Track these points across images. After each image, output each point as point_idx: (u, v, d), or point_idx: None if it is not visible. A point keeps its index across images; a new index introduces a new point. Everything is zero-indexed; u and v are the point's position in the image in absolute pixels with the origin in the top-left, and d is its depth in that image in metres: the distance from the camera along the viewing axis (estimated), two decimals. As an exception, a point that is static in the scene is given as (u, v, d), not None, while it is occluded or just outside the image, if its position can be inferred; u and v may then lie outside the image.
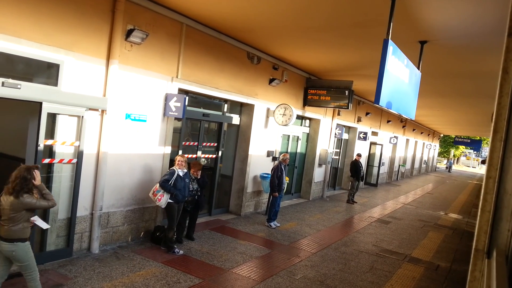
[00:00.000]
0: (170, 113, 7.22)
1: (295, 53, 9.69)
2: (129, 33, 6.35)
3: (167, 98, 7.26)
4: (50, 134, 5.55)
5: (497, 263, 1.10)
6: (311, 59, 10.27)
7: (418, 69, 7.34)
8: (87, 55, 5.86)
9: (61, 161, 5.68)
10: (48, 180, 5.60)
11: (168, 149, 7.51)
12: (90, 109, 5.91)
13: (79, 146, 5.84)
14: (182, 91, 7.77)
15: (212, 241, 7.72)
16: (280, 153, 11.05)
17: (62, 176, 5.77)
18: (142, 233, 7.27)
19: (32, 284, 4.19)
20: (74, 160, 5.84)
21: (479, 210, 1.21)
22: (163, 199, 6.64)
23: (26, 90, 4.97)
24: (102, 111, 6.17)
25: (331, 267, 7.25)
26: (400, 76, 6.22)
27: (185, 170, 6.90)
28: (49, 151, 5.60)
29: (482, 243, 1.18)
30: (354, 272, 7.17)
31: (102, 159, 6.23)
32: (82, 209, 6.15)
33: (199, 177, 7.44)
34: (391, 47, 5.57)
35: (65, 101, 5.48)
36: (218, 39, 8.25)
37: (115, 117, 6.39)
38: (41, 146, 5.30)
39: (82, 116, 5.79)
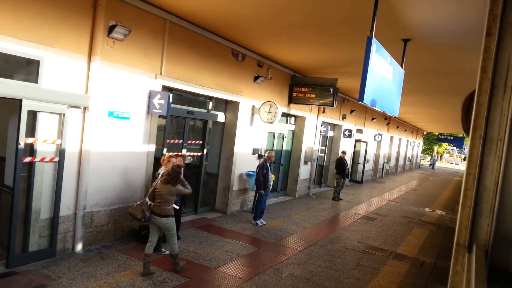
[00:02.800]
0: (154, 110, 7.13)
1: (279, 50, 9.67)
2: (111, 29, 6.24)
3: (150, 95, 7.16)
4: (31, 132, 5.42)
5: (477, 257, 1.15)
6: (296, 57, 10.27)
7: (402, 67, 7.39)
8: (68, 51, 5.74)
9: (42, 159, 5.55)
10: (29, 179, 5.47)
11: (152, 147, 7.42)
12: (72, 106, 5.80)
13: (61, 144, 5.72)
14: (166, 88, 7.68)
15: (198, 240, 7.65)
16: (266, 150, 11.03)
17: (43, 175, 5.63)
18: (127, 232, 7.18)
19: (173, 247, 5.90)
20: (56, 159, 5.72)
21: (460, 205, 1.24)
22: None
23: (5, 87, 4.84)
24: (84, 108, 6.05)
25: (318, 264, 7.25)
26: (384, 74, 6.25)
27: None
28: (30, 150, 5.46)
29: (463, 238, 1.23)
30: (341, 269, 7.19)
31: (85, 157, 6.12)
32: (65, 209, 6.03)
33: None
34: (375, 45, 5.59)
35: (46, 98, 5.36)
36: (202, 35, 8.18)
37: (97, 114, 6.28)
38: (21, 145, 5.17)
39: (64, 114, 5.67)
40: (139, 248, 6.76)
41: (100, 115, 6.34)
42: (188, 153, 8.98)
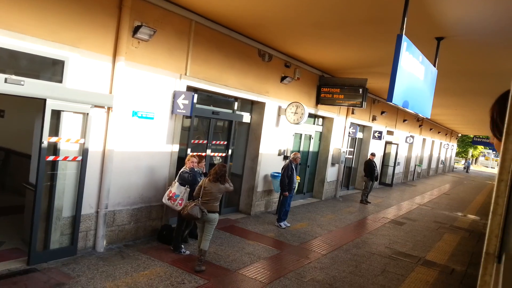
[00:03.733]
0: (178, 110, 7.12)
1: (307, 50, 9.50)
2: (136, 29, 6.26)
3: (175, 96, 7.15)
4: (55, 131, 5.49)
5: (505, 268, 1.06)
6: (324, 57, 10.07)
7: (435, 66, 7.08)
8: (93, 52, 5.79)
9: (65, 158, 5.62)
10: (52, 177, 5.55)
11: (176, 147, 7.41)
12: (96, 106, 5.84)
13: (84, 143, 5.77)
14: (190, 89, 7.66)
15: (220, 241, 7.59)
16: (292, 152, 10.87)
17: (66, 173, 5.71)
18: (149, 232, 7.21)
19: (207, 243, 6.16)
20: (79, 158, 5.78)
21: (490, 213, 1.17)
22: (184, 203, 6.53)
23: (30, 87, 4.91)
24: (108, 108, 6.09)
25: (341, 269, 7.06)
26: (415, 73, 6.00)
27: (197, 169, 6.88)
28: (54, 148, 5.54)
29: (492, 247, 1.12)
30: (365, 275, 6.97)
31: (108, 157, 6.16)
32: (88, 207, 6.09)
33: (205, 170, 7.36)
34: (405, 43, 5.36)
35: (70, 98, 5.41)
36: (227, 36, 8.12)
37: (121, 114, 6.32)
38: (44, 143, 5.25)
39: (87, 113, 5.72)
40: (160, 248, 6.77)
41: (124, 115, 6.37)
42: (212, 153, 8.93)
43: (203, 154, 8.44)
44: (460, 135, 45.57)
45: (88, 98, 5.64)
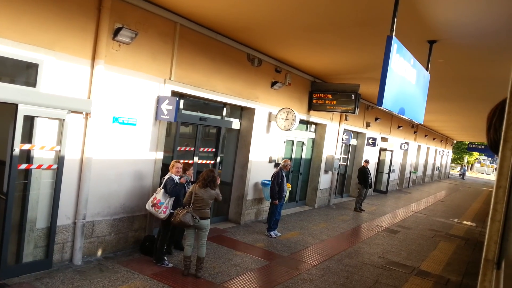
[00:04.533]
0: (162, 116, 6.86)
1: (298, 55, 9.28)
2: (116, 32, 6.01)
3: (159, 101, 6.89)
4: (28, 138, 5.21)
5: (505, 274, 1.11)
6: (316, 62, 9.85)
7: (427, 70, 6.88)
8: (70, 55, 5.52)
9: (39, 166, 5.33)
10: (25, 186, 5.26)
11: (160, 155, 7.14)
12: (73, 111, 5.57)
13: (60, 151, 5.49)
14: (176, 94, 7.41)
15: (206, 252, 7.25)
16: (283, 159, 10.60)
17: (41, 182, 5.41)
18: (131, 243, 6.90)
19: (203, 250, 6.17)
20: (55, 166, 5.49)
21: (489, 219, 1.18)
22: (168, 211, 6.27)
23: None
24: (86, 114, 5.81)
25: (332, 281, 6.77)
26: (407, 77, 5.79)
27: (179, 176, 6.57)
28: (27, 156, 5.25)
29: (492, 253, 1.19)
30: (357, 286, 6.69)
31: (86, 165, 5.87)
32: (64, 218, 5.79)
33: (193, 178, 7.10)
34: (396, 44, 5.15)
35: (44, 103, 5.14)
36: (214, 39, 7.88)
37: (101, 120, 6.04)
38: (16, 151, 4.96)
39: (63, 119, 5.45)
40: (142, 260, 6.46)
41: (104, 121, 6.10)
42: (200, 161, 8.66)
43: (190, 161, 8.17)
44: (455, 141, 45.51)
45: (64, 103, 5.37)
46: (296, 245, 8.63)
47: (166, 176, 6.41)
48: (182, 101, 7.87)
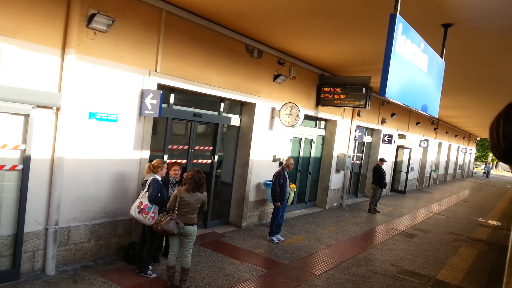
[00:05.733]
0: (146, 112, 6.27)
1: (302, 45, 8.57)
2: (90, 18, 5.45)
3: (143, 95, 6.31)
4: (-13, 135, 4.68)
5: None
6: (322, 52, 9.11)
7: (442, 57, 6.10)
8: (35, 44, 4.98)
9: (1, 167, 4.80)
10: (-16, 190, 4.74)
11: (146, 153, 6.55)
12: (39, 106, 5.03)
13: (25, 150, 4.95)
14: (164, 88, 6.82)
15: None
16: (287, 158, 9.91)
17: (4, 185, 4.89)
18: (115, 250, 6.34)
19: (188, 260, 5.49)
20: (20, 167, 4.96)
21: None
22: (156, 216, 5.66)
23: None
24: (57, 109, 5.26)
25: (335, 293, 6.07)
26: (416, 63, 5.05)
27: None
28: (-13, 156, 4.74)
29: None
30: (363, 300, 5.97)
31: (58, 165, 5.32)
32: (34, 224, 5.26)
33: (178, 179, 6.40)
34: (401, 24, 4.43)
35: (4, 97, 4.61)
36: (207, 28, 7.25)
37: (75, 116, 5.49)
38: (-30, 150, 4.44)
39: (28, 115, 4.91)
40: (124, 270, 5.89)
41: (78, 117, 5.54)
42: (195, 160, 8.05)
43: (180, 161, 7.57)
44: (479, 138, 43.85)
45: (28, 97, 4.83)
46: (300, 251, 7.94)
47: (150, 178, 5.81)
48: (172, 96, 7.27)
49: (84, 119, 5.63)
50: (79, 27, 5.33)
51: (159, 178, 5.82)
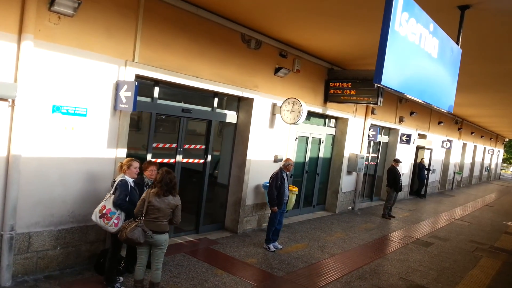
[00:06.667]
0: (120, 105, 5.64)
1: (306, 35, 7.82)
2: (53, 0, 4.86)
3: (118, 87, 5.69)
4: None
5: None
6: (329, 43, 8.30)
7: (457, 44, 5.27)
8: (-16, 27, 4.42)
9: None
10: None
11: (122, 152, 5.93)
12: (-11, 98, 4.46)
13: (-28, 146, 4.40)
14: (146, 79, 6.21)
15: (178, 270, 6.01)
16: (287, 158, 9.16)
17: None
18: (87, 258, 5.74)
19: (158, 273, 4.95)
20: (-35, 166, 4.41)
21: None
22: (121, 223, 5.03)
23: None
24: (12, 101, 4.70)
25: (330, 313, 5.31)
26: (423, 47, 4.25)
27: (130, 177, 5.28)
28: None
29: None
30: (362, 322, 5.19)
31: (13, 163, 4.75)
32: (-15, 230, 4.70)
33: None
34: (401, -2, 3.67)
35: None
36: (195, 14, 6.60)
37: (35, 109, 4.91)
38: None
39: (-25, 107, 4.35)
40: (92, 281, 5.28)
41: (39, 111, 4.97)
42: (185, 160, 7.40)
43: (167, 160, 6.94)
44: (507, 139, 41.91)
45: (-27, 86, 4.27)
46: (298, 261, 7.19)
47: (118, 178, 5.18)
48: (157, 89, 6.65)
49: (47, 113, 5.05)
50: (38, 9, 4.75)
51: (130, 180, 5.18)
